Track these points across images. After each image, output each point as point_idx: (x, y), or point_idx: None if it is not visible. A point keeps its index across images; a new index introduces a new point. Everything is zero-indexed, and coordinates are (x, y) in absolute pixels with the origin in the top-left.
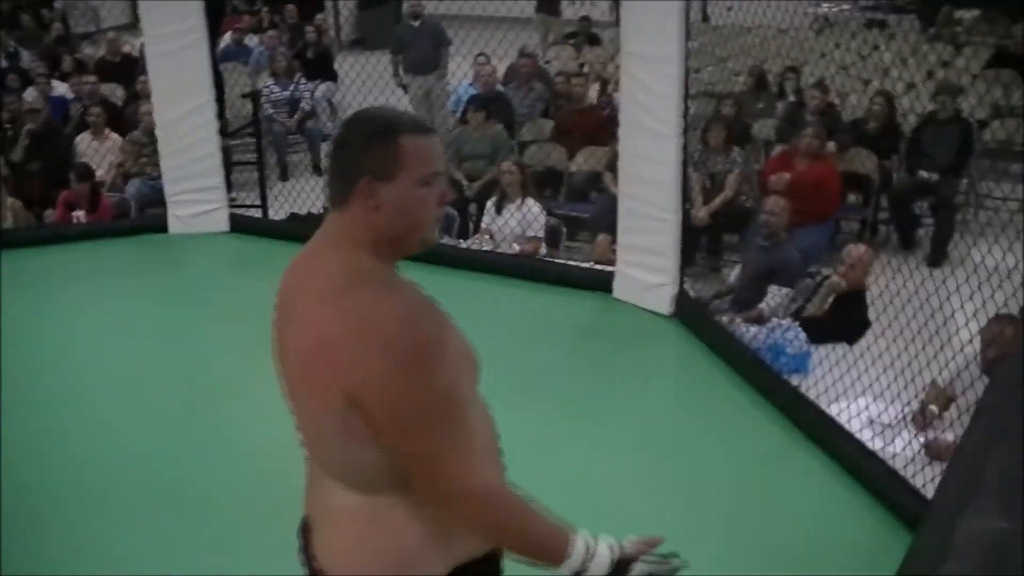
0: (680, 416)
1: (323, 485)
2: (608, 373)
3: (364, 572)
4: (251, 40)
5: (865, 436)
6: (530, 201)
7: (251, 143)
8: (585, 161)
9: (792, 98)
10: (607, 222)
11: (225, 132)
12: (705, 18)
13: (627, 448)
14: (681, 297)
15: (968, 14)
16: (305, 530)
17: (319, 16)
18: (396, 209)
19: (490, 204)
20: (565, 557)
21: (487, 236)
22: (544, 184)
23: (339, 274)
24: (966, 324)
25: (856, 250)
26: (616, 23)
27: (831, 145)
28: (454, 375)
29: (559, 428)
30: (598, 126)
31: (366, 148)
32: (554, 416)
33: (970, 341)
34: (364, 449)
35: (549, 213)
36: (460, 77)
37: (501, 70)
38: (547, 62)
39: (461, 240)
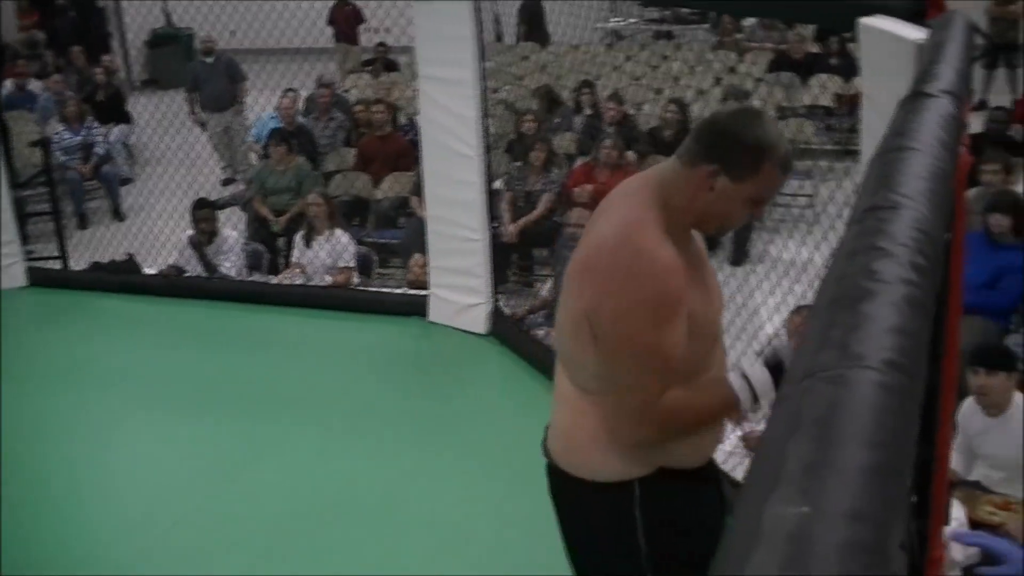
0: (508, 433)
1: (560, 381)
2: (432, 398)
3: (582, 463)
4: (35, 85)
5: None
6: (339, 232)
7: (45, 192)
8: (391, 187)
9: (589, 111)
10: (418, 246)
11: (15, 183)
12: (499, 38)
13: (467, 472)
14: (496, 315)
15: (748, 21)
16: (548, 426)
17: (106, 57)
18: (719, 203)
19: (299, 238)
20: (738, 404)
21: (298, 270)
22: (352, 213)
23: (636, 207)
24: (770, 318)
25: None
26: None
27: (631, 154)
28: (678, 335)
29: (394, 460)
30: (401, 151)
31: (744, 146)
32: (387, 448)
33: (776, 334)
34: (585, 355)
35: (359, 242)
36: (259, 111)
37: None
38: (345, 91)
39: (271, 276)
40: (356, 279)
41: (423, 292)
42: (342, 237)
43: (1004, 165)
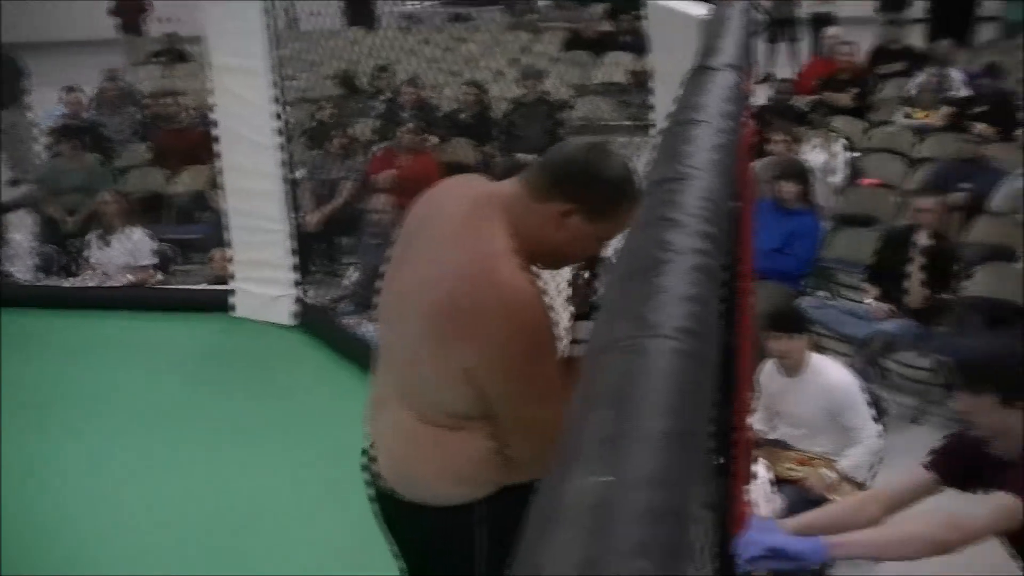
0: (321, 424)
1: (393, 410)
2: (241, 394)
3: (430, 482)
4: None
5: None
6: (135, 229)
7: None
8: (188, 181)
9: (387, 96)
10: (219, 240)
11: None
12: (293, 24)
13: (286, 466)
14: (303, 306)
15: (541, 2)
16: (370, 451)
17: None
18: (571, 242)
19: (93, 237)
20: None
21: (94, 271)
22: (148, 210)
23: (490, 237)
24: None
25: None
26: None
27: (431, 138)
28: (557, 358)
29: (209, 461)
30: (197, 144)
31: (602, 187)
32: (200, 450)
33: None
34: (454, 393)
35: (157, 239)
36: (46, 106)
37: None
38: (135, 84)
39: (66, 278)
40: (156, 277)
41: (227, 287)
42: (139, 234)
43: (789, 135)
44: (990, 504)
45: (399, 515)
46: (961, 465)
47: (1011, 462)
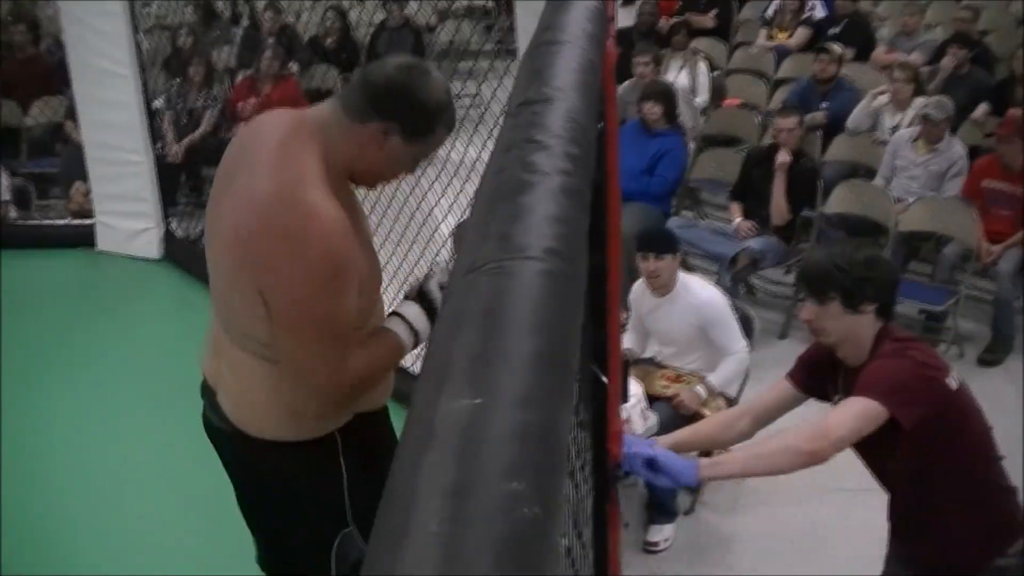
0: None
1: (226, 349)
2: (108, 331)
3: (272, 427)
4: None
5: None
6: None
7: None
8: (41, 113)
9: (246, 23)
10: (78, 173)
11: None
12: None
13: (150, 397)
14: (169, 239)
15: None
16: (208, 390)
17: None
18: (388, 160)
19: None
20: (406, 348)
21: None
22: (1, 144)
23: (295, 159)
24: (444, 218)
25: None
26: None
27: (293, 65)
28: (352, 298)
29: (74, 396)
30: (48, 74)
31: (421, 108)
32: (70, 392)
33: (451, 235)
34: (256, 327)
35: (13, 174)
36: None
37: None
38: None
39: None
40: (13, 213)
41: (89, 221)
42: None
43: (654, 57)
44: (853, 409)
45: (252, 455)
46: (819, 375)
47: (861, 366)
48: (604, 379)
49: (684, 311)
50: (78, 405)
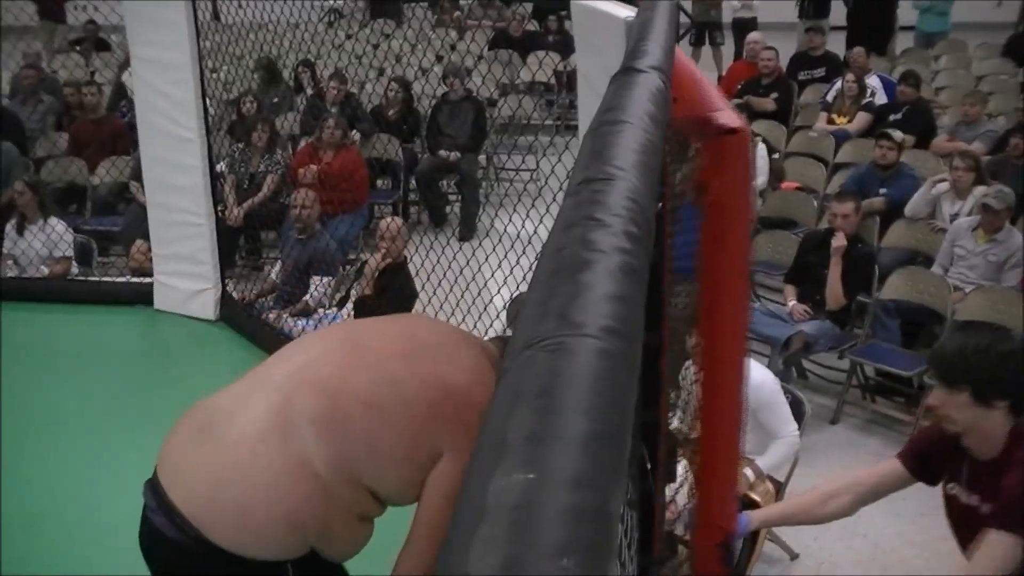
0: None
1: (258, 432)
2: (164, 389)
3: (247, 529)
4: None
5: None
6: (53, 220)
7: None
8: (107, 173)
9: (310, 91)
10: (139, 232)
11: None
12: (216, 16)
13: None
14: (225, 300)
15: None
16: (159, 487)
17: None
18: None
19: (9, 228)
20: None
21: (10, 262)
22: (67, 200)
23: (483, 362)
24: (499, 290)
25: (391, 223)
26: None
27: (355, 134)
28: None
29: (135, 458)
30: (117, 135)
31: None
32: (125, 446)
33: (504, 306)
34: (400, 477)
35: (76, 230)
36: None
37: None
38: (54, 72)
39: None
40: (75, 269)
41: (148, 280)
42: (57, 225)
43: None
44: (999, 550)
45: (202, 563)
46: (934, 461)
47: (992, 462)
48: (654, 459)
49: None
50: (132, 462)
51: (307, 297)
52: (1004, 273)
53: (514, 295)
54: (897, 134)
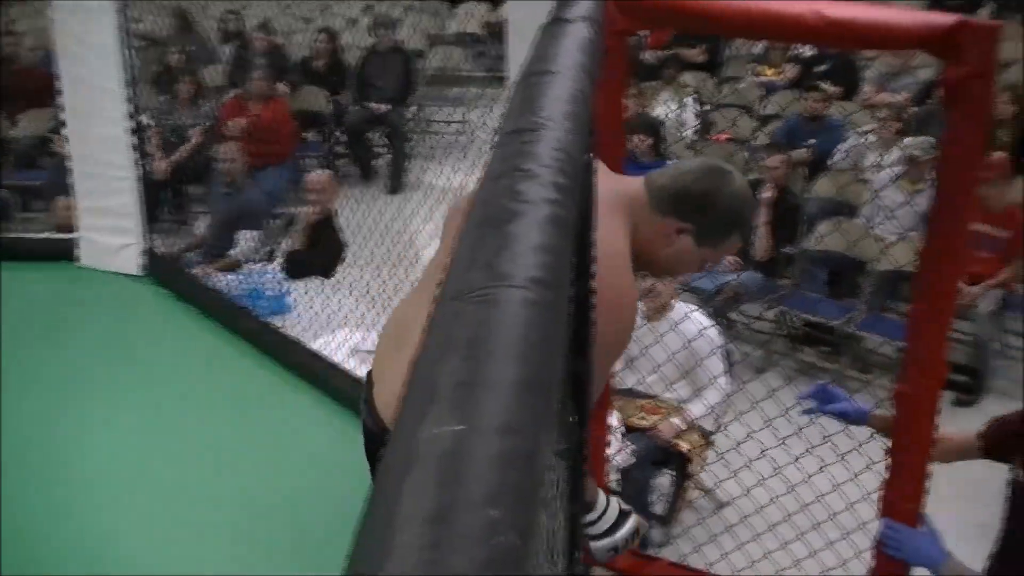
0: (172, 378)
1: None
2: (90, 347)
3: None
4: None
5: (352, 365)
6: None
7: None
8: (29, 125)
9: (237, 42)
10: (62, 187)
11: None
12: None
13: (137, 425)
14: (151, 255)
15: None
16: (370, 380)
17: None
18: (676, 259)
19: None
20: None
21: None
22: None
23: (616, 235)
24: (426, 245)
25: (319, 176)
26: None
27: (282, 86)
28: (610, 368)
29: (54, 414)
30: (39, 87)
31: (715, 214)
32: (45, 403)
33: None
34: None
35: None
36: None
37: None
38: None
39: None
40: None
41: (71, 235)
42: None
43: (638, 90)
44: None
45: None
46: (1011, 440)
47: None
48: (585, 408)
49: (675, 339)
50: (61, 415)
51: (235, 251)
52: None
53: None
54: (826, 86)
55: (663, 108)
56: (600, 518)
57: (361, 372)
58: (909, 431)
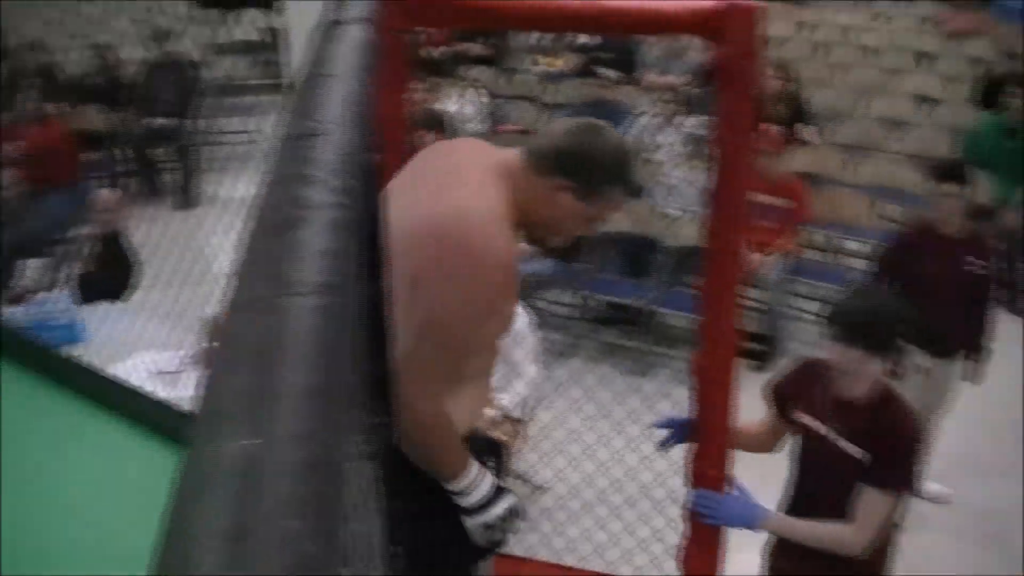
0: None
1: None
2: None
3: None
4: None
5: (154, 388)
6: None
7: None
8: None
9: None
10: None
11: None
12: None
13: None
14: None
15: None
16: None
17: None
18: (562, 217)
19: None
20: (462, 473)
21: None
22: None
23: (492, 203)
24: (221, 260)
25: (104, 195)
26: None
27: (57, 106)
28: (487, 330)
29: None
30: None
31: (590, 168)
32: None
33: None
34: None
35: None
36: None
37: None
38: None
39: None
40: None
41: None
42: None
43: (429, 86)
44: (881, 507)
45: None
46: (789, 390)
47: (848, 402)
48: (391, 407)
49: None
50: None
51: (21, 282)
52: None
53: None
54: (608, 73)
55: (449, 103)
56: (469, 490)
57: (164, 394)
58: (709, 401)
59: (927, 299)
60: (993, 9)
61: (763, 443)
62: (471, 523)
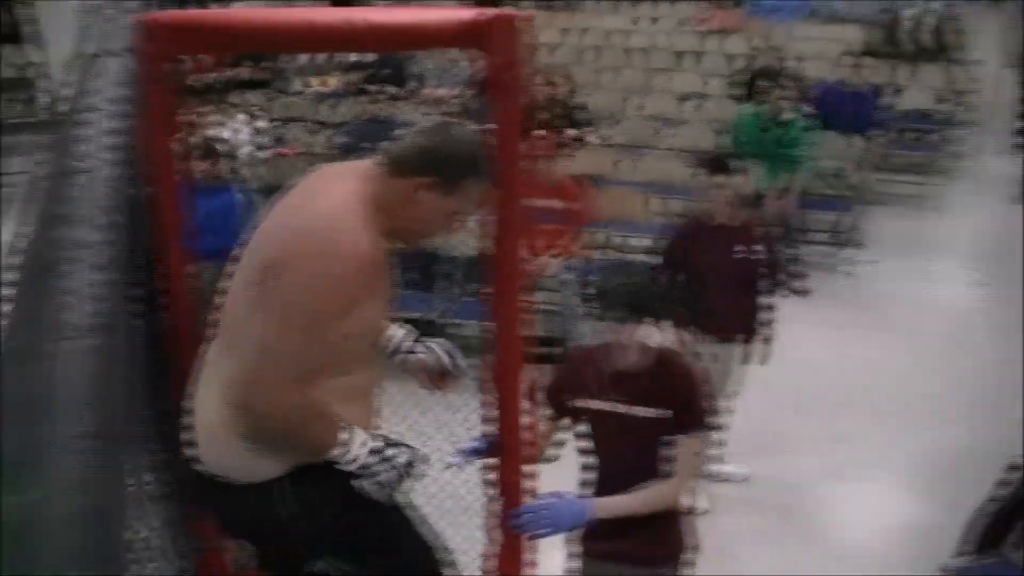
0: None
1: (212, 386)
2: None
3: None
4: None
5: None
6: None
7: None
8: None
9: None
10: None
11: None
12: None
13: None
14: None
15: None
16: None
17: None
18: (426, 216)
19: None
20: (334, 446)
21: None
22: None
23: (346, 205)
24: None
25: None
26: None
27: None
28: (350, 323)
29: None
30: None
31: (448, 159)
32: None
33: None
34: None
35: None
36: None
37: None
38: None
39: None
40: None
41: None
42: None
43: (200, 113)
44: (695, 449)
45: (220, 496)
46: (566, 386)
47: (628, 372)
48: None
49: None
50: None
51: None
52: None
53: None
54: (388, 88)
55: (227, 130)
56: (348, 452)
57: None
58: (504, 410)
59: (707, 287)
60: (746, 7)
61: (549, 453)
62: (368, 486)
